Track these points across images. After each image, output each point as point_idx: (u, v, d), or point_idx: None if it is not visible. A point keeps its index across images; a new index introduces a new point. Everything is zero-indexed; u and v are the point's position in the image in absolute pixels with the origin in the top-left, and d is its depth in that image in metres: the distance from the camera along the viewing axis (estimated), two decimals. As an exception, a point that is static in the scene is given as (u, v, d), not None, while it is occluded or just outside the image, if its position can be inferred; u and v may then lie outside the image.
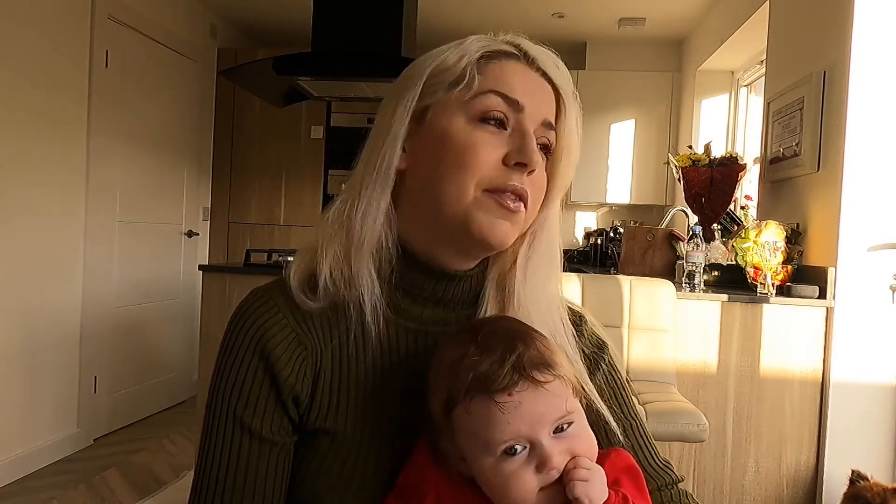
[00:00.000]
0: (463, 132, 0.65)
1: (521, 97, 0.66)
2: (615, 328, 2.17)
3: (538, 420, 0.58)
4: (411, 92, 0.67)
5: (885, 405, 2.20)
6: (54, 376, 2.99)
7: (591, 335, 0.77)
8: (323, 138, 4.40)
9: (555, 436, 0.59)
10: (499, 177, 0.64)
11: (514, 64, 0.67)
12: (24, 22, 2.72)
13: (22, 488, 2.68)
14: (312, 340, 0.67)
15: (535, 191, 0.67)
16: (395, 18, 2.75)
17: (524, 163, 0.64)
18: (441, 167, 0.65)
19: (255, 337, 0.65)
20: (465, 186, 0.64)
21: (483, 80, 0.66)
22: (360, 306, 0.66)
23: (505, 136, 0.66)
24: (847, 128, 2.19)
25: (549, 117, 0.68)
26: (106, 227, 3.34)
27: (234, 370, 0.65)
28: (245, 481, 0.64)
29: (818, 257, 2.33)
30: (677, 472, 0.76)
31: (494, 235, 0.65)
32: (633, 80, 4.47)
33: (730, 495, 2.29)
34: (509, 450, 0.58)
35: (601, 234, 4.34)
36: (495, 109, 0.65)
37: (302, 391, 0.65)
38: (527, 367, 0.59)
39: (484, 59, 0.67)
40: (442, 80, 0.67)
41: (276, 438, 0.65)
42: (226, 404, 0.65)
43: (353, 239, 0.66)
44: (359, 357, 0.67)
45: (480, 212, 0.64)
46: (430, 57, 0.69)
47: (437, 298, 0.70)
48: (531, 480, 0.58)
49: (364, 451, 0.66)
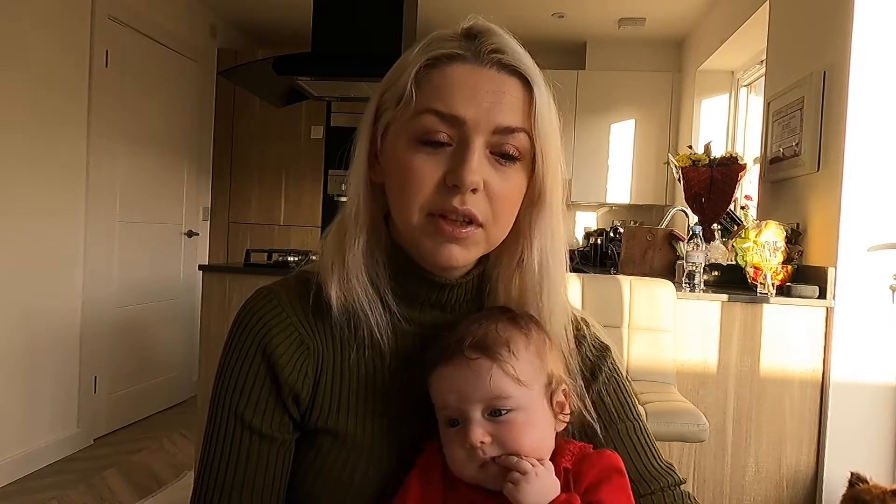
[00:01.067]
0: (404, 155, 0.64)
1: (461, 109, 0.62)
2: (615, 328, 2.16)
3: (464, 395, 0.62)
4: (371, 108, 0.68)
5: (885, 405, 2.20)
6: (54, 376, 2.99)
7: (594, 340, 0.77)
8: (323, 138, 4.40)
9: (488, 417, 0.62)
10: (438, 200, 0.62)
11: (458, 68, 0.63)
12: (24, 22, 2.72)
13: (22, 488, 2.68)
14: (315, 340, 0.67)
15: (495, 203, 0.64)
16: (395, 18, 2.76)
17: (457, 185, 0.61)
18: (392, 191, 0.66)
19: (257, 335, 0.66)
20: (410, 211, 0.63)
21: (421, 95, 0.63)
22: (365, 317, 0.67)
23: (447, 153, 0.63)
24: (847, 128, 2.19)
25: (504, 121, 0.63)
26: (106, 227, 3.34)
27: (237, 368, 0.66)
28: (245, 477, 0.65)
29: (818, 257, 2.33)
30: (679, 474, 0.76)
31: (442, 259, 0.64)
32: (633, 80, 4.47)
33: (730, 495, 2.29)
34: (448, 420, 0.63)
35: (601, 234, 4.34)
36: (431, 130, 0.62)
37: (303, 390, 0.66)
38: (465, 344, 0.63)
39: (426, 68, 0.63)
40: (391, 97, 0.66)
41: (276, 435, 0.65)
42: (227, 402, 0.66)
43: (345, 262, 0.67)
44: (360, 358, 0.68)
45: (426, 237, 0.64)
46: (395, 64, 0.68)
47: (437, 303, 0.70)
48: (460, 452, 0.62)
49: (365, 451, 0.66)
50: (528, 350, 0.65)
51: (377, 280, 0.68)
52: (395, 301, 0.68)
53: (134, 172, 3.56)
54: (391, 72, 0.67)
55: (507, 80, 0.64)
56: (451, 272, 0.69)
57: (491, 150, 0.63)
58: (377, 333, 0.67)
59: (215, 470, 0.65)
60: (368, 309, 0.67)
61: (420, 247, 0.65)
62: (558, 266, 0.69)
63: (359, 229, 0.67)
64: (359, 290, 0.66)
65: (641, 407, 1.85)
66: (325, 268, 0.68)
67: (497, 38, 0.65)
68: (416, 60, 0.64)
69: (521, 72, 0.64)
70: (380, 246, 0.68)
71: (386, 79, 0.67)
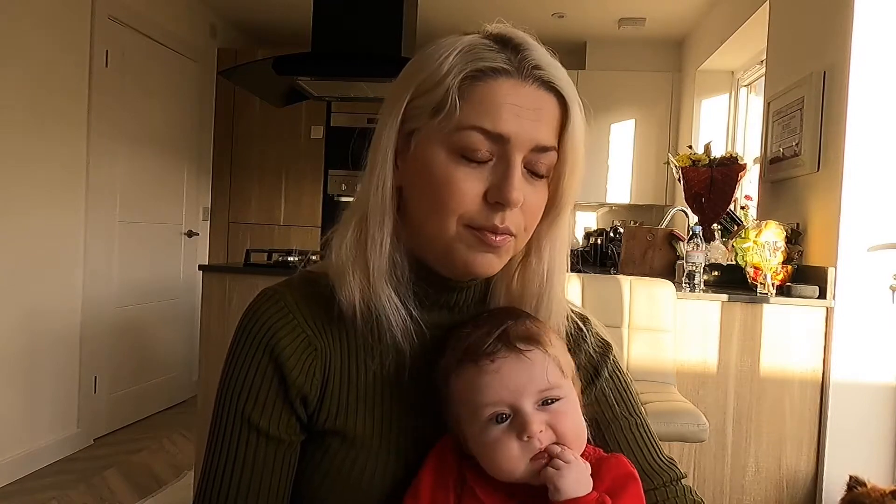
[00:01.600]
0: (443, 167, 0.63)
1: (506, 127, 0.62)
2: (615, 328, 2.17)
3: (519, 387, 0.61)
4: (396, 112, 0.65)
5: (885, 405, 2.20)
6: (54, 376, 2.99)
7: (595, 337, 0.77)
8: (323, 138, 4.40)
9: (539, 408, 0.62)
10: (479, 214, 0.63)
11: (503, 83, 0.62)
12: (24, 21, 2.72)
13: (22, 488, 2.68)
14: (322, 341, 0.67)
15: (527, 216, 0.66)
16: (395, 18, 2.75)
17: (502, 203, 0.62)
18: (424, 200, 0.65)
19: (264, 337, 0.66)
20: (447, 223, 0.64)
21: (466, 109, 0.62)
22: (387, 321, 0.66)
23: (487, 168, 0.63)
24: (847, 128, 2.19)
25: (542, 140, 0.63)
26: (106, 227, 3.34)
27: (244, 370, 0.66)
28: (251, 479, 0.64)
29: (818, 257, 2.33)
30: (680, 469, 0.76)
31: (478, 268, 0.65)
32: (633, 80, 4.47)
33: (730, 495, 2.29)
34: (494, 417, 0.61)
35: (601, 234, 4.34)
36: (477, 149, 0.62)
37: (311, 391, 0.66)
38: (511, 337, 0.63)
39: (469, 79, 0.62)
40: (424, 105, 0.64)
41: (283, 437, 0.65)
42: (234, 403, 0.65)
43: (369, 268, 0.66)
44: (369, 359, 0.68)
45: (463, 245, 0.64)
46: (419, 65, 0.65)
47: (445, 304, 0.71)
48: (514, 447, 0.61)
49: (374, 453, 0.66)
50: (559, 343, 0.67)
51: (399, 284, 0.67)
52: (415, 304, 0.69)
53: (134, 172, 3.56)
54: (423, 77, 0.64)
55: (546, 96, 0.64)
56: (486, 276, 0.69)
57: (525, 166, 0.64)
58: (399, 337, 0.67)
59: (221, 472, 0.65)
60: (391, 314, 0.66)
61: (453, 254, 0.65)
62: (561, 270, 0.71)
63: (384, 233, 0.66)
64: (382, 296, 0.66)
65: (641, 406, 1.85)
66: (342, 271, 0.66)
67: (537, 52, 0.65)
68: (458, 71, 0.62)
69: (558, 89, 0.65)
70: (400, 250, 0.68)
71: (417, 83, 0.64)
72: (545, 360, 0.63)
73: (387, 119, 0.66)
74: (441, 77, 0.62)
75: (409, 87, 0.65)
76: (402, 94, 0.65)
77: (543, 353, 0.63)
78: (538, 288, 0.70)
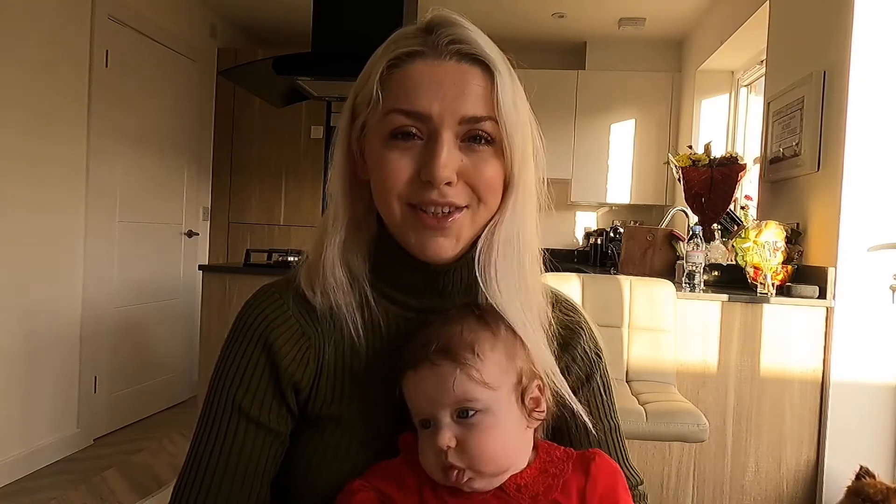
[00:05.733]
0: (379, 152, 0.66)
1: (425, 105, 0.63)
2: (615, 328, 2.17)
3: (433, 400, 0.63)
4: (347, 109, 0.70)
5: (885, 405, 2.20)
6: (54, 376, 2.99)
7: (591, 342, 0.77)
8: (323, 138, 4.40)
9: (457, 419, 0.62)
10: (416, 192, 0.65)
11: (418, 65, 0.65)
12: (24, 22, 2.72)
13: (22, 488, 2.68)
14: (316, 331, 0.69)
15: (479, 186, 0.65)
16: (395, 18, 2.76)
17: (430, 181, 0.63)
18: (375, 188, 0.68)
19: (259, 328, 0.68)
20: (391, 205, 0.66)
21: (387, 96, 0.65)
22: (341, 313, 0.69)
23: (418, 147, 0.65)
24: (847, 128, 2.19)
25: (468, 111, 0.64)
26: (106, 227, 3.34)
27: (237, 358, 0.68)
28: (237, 463, 0.66)
29: (818, 257, 2.33)
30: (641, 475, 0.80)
31: (430, 253, 0.67)
32: (633, 80, 4.47)
33: (730, 495, 2.29)
34: (421, 423, 0.64)
35: (601, 234, 4.35)
36: (400, 127, 0.64)
37: (303, 379, 0.68)
38: (432, 350, 0.63)
39: (389, 68, 0.65)
40: (363, 99, 0.67)
41: (271, 426, 0.67)
42: (225, 390, 0.67)
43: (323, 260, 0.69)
44: (361, 345, 0.69)
45: (411, 230, 0.66)
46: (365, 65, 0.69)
47: (434, 290, 0.71)
48: (429, 453, 0.63)
49: (368, 436, 0.68)
50: (494, 350, 0.64)
51: (355, 276, 0.69)
52: (392, 286, 0.70)
53: (134, 172, 3.56)
54: (361, 74, 0.69)
55: (469, 69, 0.65)
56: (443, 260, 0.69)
57: (462, 139, 0.65)
58: (353, 331, 0.68)
59: (207, 454, 0.66)
60: (343, 305, 0.68)
61: (406, 239, 0.67)
62: (531, 245, 0.70)
63: (337, 227, 0.69)
64: (335, 287, 0.68)
65: (641, 406, 1.85)
66: (307, 266, 0.71)
67: (456, 28, 0.65)
68: (380, 62, 0.66)
69: (481, 59, 0.65)
70: (361, 242, 0.70)
71: (358, 81, 0.69)
72: (454, 373, 0.62)
73: (341, 117, 0.71)
74: (369, 71, 0.67)
75: (355, 85, 0.70)
76: (351, 93, 0.70)
77: (454, 367, 0.62)
78: (513, 265, 0.68)
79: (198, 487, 0.65)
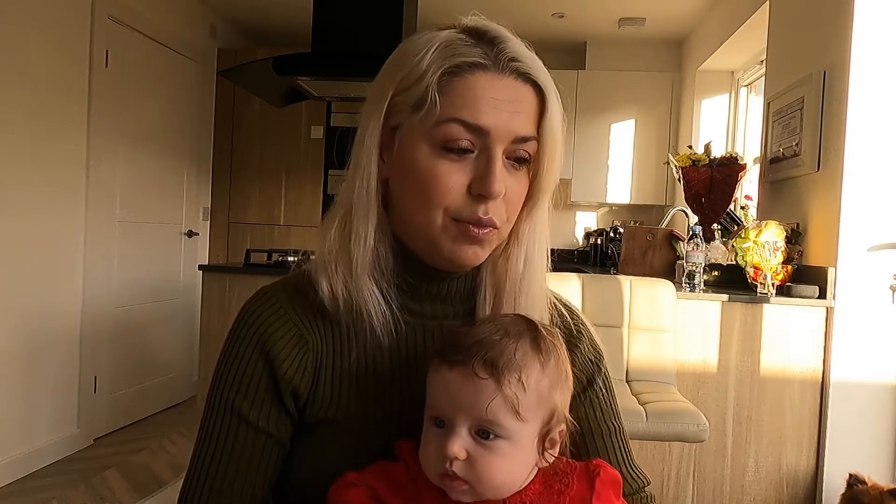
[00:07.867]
0: (426, 161, 0.65)
1: (486, 120, 0.63)
2: (615, 328, 2.17)
3: (458, 406, 0.60)
4: (379, 109, 0.67)
5: (885, 405, 2.20)
6: (54, 376, 2.99)
7: (591, 344, 0.78)
8: (323, 138, 4.40)
9: (473, 435, 0.60)
10: (463, 206, 0.65)
11: (481, 77, 0.64)
12: (24, 22, 2.72)
13: (22, 488, 2.68)
14: (314, 336, 0.69)
15: (509, 206, 0.67)
16: (395, 18, 2.76)
17: (485, 195, 0.64)
18: (410, 194, 0.66)
19: (257, 333, 0.68)
20: (433, 215, 0.65)
21: (445, 103, 0.63)
22: (368, 314, 0.68)
23: (470, 160, 0.64)
24: (847, 128, 2.19)
25: (521, 131, 0.65)
26: (106, 227, 3.34)
27: (235, 363, 0.68)
28: (238, 466, 0.66)
29: (818, 257, 2.33)
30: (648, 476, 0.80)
31: (465, 260, 0.67)
32: (633, 80, 4.47)
33: (730, 495, 2.29)
34: (434, 419, 0.62)
35: (601, 234, 4.35)
36: (458, 139, 0.64)
37: (301, 384, 0.68)
38: (476, 358, 0.60)
39: (447, 75, 0.64)
40: (405, 101, 0.65)
41: (270, 430, 0.67)
42: (224, 396, 0.68)
43: (352, 261, 0.68)
44: (360, 350, 0.69)
45: (448, 237, 0.66)
46: (399, 62, 0.67)
47: (437, 295, 0.72)
48: (432, 453, 0.61)
49: (366, 441, 0.68)
50: (539, 383, 0.62)
51: (382, 277, 0.69)
52: (398, 295, 0.70)
53: (134, 172, 3.56)
54: (403, 74, 0.66)
55: (523, 88, 0.66)
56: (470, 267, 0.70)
57: (507, 157, 0.66)
58: (380, 330, 0.68)
59: (209, 459, 0.67)
60: (373, 306, 0.68)
61: (439, 246, 0.66)
62: (541, 259, 0.72)
63: (368, 227, 0.68)
64: (364, 289, 0.68)
65: (641, 406, 1.85)
66: (326, 265, 0.69)
67: (512, 44, 0.66)
68: (436, 67, 0.64)
69: (534, 80, 0.66)
70: (384, 243, 0.69)
71: (398, 80, 0.66)
72: (494, 394, 0.59)
73: (370, 116, 0.68)
74: (421, 74, 0.64)
75: (391, 84, 0.66)
76: (384, 91, 0.67)
77: (496, 387, 0.60)
78: (520, 274, 0.71)
79: (200, 491, 0.66)
